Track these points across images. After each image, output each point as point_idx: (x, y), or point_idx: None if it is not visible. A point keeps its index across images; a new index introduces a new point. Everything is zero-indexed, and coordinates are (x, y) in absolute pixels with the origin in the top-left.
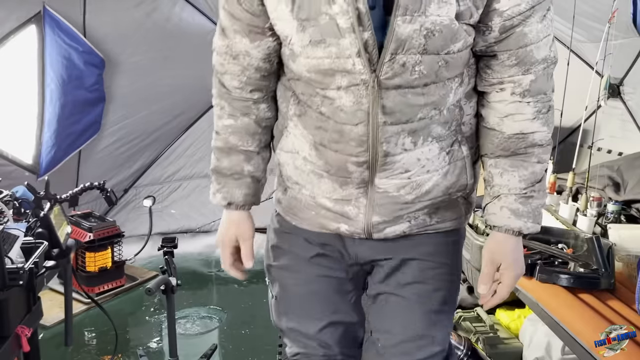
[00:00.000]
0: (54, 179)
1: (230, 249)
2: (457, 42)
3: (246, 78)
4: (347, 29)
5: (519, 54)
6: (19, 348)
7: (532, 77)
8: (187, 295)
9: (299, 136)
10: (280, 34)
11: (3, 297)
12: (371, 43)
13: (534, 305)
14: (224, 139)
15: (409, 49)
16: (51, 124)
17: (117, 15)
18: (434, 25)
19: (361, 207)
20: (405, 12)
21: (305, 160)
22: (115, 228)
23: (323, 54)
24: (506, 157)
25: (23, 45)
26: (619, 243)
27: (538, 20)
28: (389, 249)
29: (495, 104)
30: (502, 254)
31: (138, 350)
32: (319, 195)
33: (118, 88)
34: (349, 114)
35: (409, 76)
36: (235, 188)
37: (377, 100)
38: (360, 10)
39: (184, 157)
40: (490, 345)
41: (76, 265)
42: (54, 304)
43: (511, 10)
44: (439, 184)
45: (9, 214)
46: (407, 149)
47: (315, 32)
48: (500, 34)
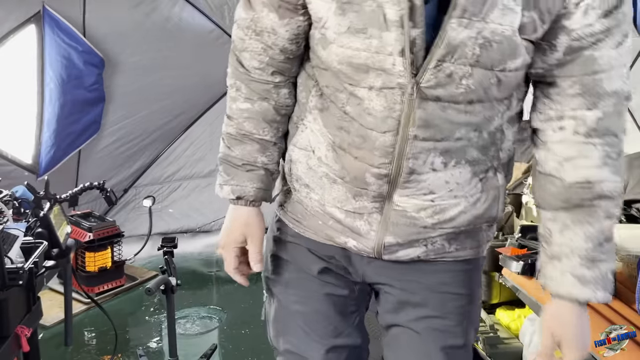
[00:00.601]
0: (53, 179)
1: (236, 250)
2: (515, 59)
3: (268, 58)
4: (395, 22)
5: (584, 82)
6: (18, 348)
7: (599, 113)
8: (187, 295)
9: (316, 132)
10: (314, 14)
11: (3, 297)
12: (419, 43)
13: (534, 305)
14: (238, 124)
15: (460, 58)
16: (51, 124)
17: (117, 15)
18: (493, 34)
19: (374, 224)
20: (463, 14)
21: (320, 161)
22: (115, 228)
23: (361, 45)
24: (568, 211)
25: (22, 45)
26: (619, 243)
27: (612, 45)
28: (400, 273)
29: (553, 145)
30: (564, 326)
31: (138, 350)
32: (329, 203)
33: (118, 88)
34: (377, 119)
35: (454, 89)
36: (247, 181)
37: (412, 109)
38: (414, 2)
39: (184, 157)
40: (490, 345)
41: (76, 265)
42: (54, 303)
43: (582, 30)
44: (466, 212)
45: (8, 214)
46: (436, 169)
47: (356, 19)
48: (564, 55)
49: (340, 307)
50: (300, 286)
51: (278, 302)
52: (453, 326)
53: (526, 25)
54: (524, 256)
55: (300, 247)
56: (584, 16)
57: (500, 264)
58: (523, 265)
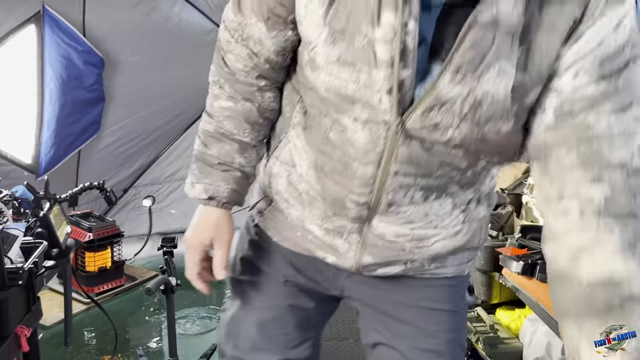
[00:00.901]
0: (53, 179)
1: (201, 254)
2: (505, 122)
3: (253, 64)
4: (386, 61)
5: (581, 151)
6: (18, 348)
7: (606, 189)
8: (187, 295)
9: (299, 149)
10: (304, 36)
11: (2, 297)
12: (408, 84)
13: (534, 305)
14: (218, 122)
15: (447, 111)
16: (50, 124)
17: (117, 15)
18: (485, 95)
19: (353, 244)
20: (458, 71)
21: (301, 177)
22: (114, 228)
23: (349, 77)
24: (594, 317)
25: (22, 45)
26: None
27: (612, 110)
28: (381, 289)
29: (561, 235)
30: None
31: (138, 350)
32: (308, 219)
33: (117, 88)
34: (359, 151)
35: (439, 136)
36: (221, 180)
37: (396, 146)
38: (406, 45)
39: (184, 157)
40: (491, 345)
41: (76, 265)
42: (54, 303)
43: (573, 93)
44: (446, 241)
45: (8, 214)
46: (416, 202)
47: (346, 51)
48: (556, 118)
49: (302, 321)
50: (267, 293)
51: (239, 305)
52: (436, 344)
53: (518, 89)
54: (524, 256)
55: (276, 255)
56: (574, 79)
57: (500, 264)
58: (523, 265)
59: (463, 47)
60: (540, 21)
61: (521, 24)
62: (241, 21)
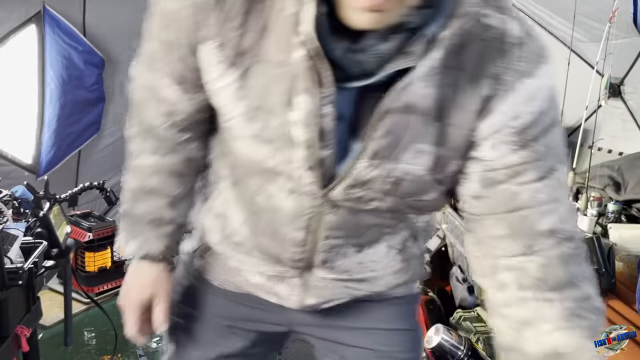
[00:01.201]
0: (53, 179)
1: (140, 312)
2: (428, 194)
3: (171, 122)
4: (304, 142)
5: (509, 220)
6: (18, 348)
7: (540, 259)
8: None
9: (231, 201)
10: (218, 107)
11: (2, 297)
12: (328, 162)
13: None
14: (142, 179)
15: (369, 189)
16: (51, 124)
17: (117, 15)
18: (404, 173)
19: (295, 288)
20: (374, 156)
21: (236, 231)
22: (114, 228)
23: (269, 153)
24: None
25: (23, 45)
26: (620, 243)
27: (535, 178)
28: (333, 317)
29: (501, 309)
30: None
31: (138, 350)
32: (247, 270)
33: (118, 88)
34: (287, 218)
35: (365, 205)
36: (154, 238)
37: (323, 214)
38: (324, 127)
39: None
40: (491, 345)
41: (75, 265)
42: (54, 303)
43: (494, 162)
44: (385, 280)
45: (8, 214)
46: (349, 256)
47: (263, 130)
48: (481, 187)
49: None
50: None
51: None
52: None
53: (438, 163)
54: None
55: (217, 300)
56: (492, 150)
57: None
58: None
59: (377, 134)
60: (454, 101)
61: (435, 106)
62: (154, 82)
